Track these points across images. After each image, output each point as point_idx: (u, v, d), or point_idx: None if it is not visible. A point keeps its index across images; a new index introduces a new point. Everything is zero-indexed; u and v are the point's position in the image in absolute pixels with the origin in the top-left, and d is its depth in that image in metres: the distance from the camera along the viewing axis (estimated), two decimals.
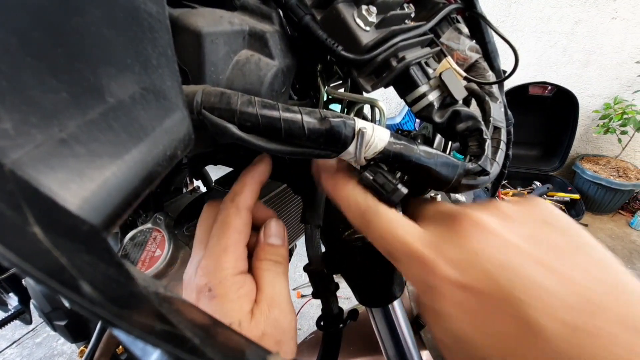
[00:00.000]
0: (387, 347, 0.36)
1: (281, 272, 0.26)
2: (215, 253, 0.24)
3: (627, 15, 1.89)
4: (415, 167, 0.23)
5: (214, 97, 0.19)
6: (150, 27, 0.14)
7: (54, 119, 0.10)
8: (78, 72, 0.11)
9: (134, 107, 0.12)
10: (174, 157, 0.14)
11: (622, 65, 2.02)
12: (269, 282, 0.25)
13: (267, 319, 0.23)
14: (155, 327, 0.06)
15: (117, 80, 0.12)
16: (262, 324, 0.23)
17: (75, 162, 0.09)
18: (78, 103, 0.11)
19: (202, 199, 0.47)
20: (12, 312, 0.79)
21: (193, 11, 0.22)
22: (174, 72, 0.15)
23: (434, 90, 0.28)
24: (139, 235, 0.40)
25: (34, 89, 0.10)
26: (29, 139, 0.09)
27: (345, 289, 0.35)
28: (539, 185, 2.15)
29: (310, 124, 0.20)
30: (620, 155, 2.20)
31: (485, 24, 0.39)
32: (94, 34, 0.12)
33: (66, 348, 1.51)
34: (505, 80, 0.37)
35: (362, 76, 0.27)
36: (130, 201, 0.11)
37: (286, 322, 0.24)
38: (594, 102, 2.16)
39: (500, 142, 0.31)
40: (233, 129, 0.19)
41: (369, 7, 0.25)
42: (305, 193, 0.30)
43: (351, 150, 0.22)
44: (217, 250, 0.24)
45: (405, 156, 0.23)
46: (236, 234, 0.24)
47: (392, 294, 0.31)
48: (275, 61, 0.25)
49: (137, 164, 0.11)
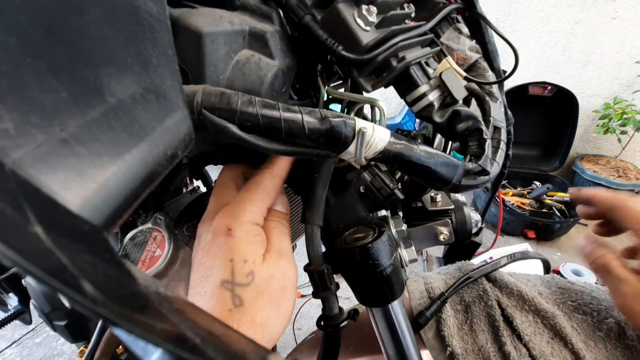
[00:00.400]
0: (387, 347, 0.36)
1: (286, 232, 0.29)
2: (241, 202, 0.26)
3: (626, 15, 1.89)
4: (415, 167, 0.23)
5: (214, 97, 0.19)
6: (151, 27, 0.14)
7: (54, 119, 0.10)
8: (78, 71, 0.11)
9: (135, 106, 0.12)
10: (174, 156, 0.14)
11: (621, 65, 2.02)
12: (277, 237, 0.27)
13: (276, 265, 0.26)
14: (157, 326, 0.06)
15: (118, 80, 0.12)
16: (272, 268, 0.25)
17: (76, 161, 0.09)
18: (78, 103, 0.11)
19: (202, 199, 0.47)
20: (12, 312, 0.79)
21: (193, 11, 0.22)
22: (174, 72, 0.15)
23: (434, 90, 0.28)
24: (139, 235, 0.40)
25: (35, 89, 0.10)
26: (29, 138, 0.09)
27: (345, 289, 0.35)
28: (539, 185, 2.14)
29: (310, 124, 0.20)
30: (620, 155, 2.19)
31: (485, 24, 0.39)
32: (94, 33, 0.12)
33: (66, 348, 1.51)
34: (505, 80, 0.37)
35: (362, 76, 0.27)
36: (131, 201, 0.11)
37: (291, 272, 0.27)
38: (594, 102, 2.16)
39: (500, 142, 0.31)
40: (233, 129, 0.19)
41: (369, 7, 0.25)
42: (305, 193, 0.30)
43: (351, 150, 0.22)
44: (245, 201, 0.26)
45: (406, 156, 0.23)
46: (265, 193, 0.27)
47: (392, 294, 0.31)
48: (275, 61, 0.25)
49: (138, 163, 0.11)
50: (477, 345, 0.40)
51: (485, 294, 0.42)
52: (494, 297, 0.42)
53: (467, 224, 0.38)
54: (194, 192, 0.60)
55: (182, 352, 0.07)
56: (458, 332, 0.41)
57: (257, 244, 0.26)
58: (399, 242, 0.34)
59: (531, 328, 0.41)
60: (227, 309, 0.23)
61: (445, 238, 0.36)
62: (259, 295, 0.24)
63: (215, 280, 0.24)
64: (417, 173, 0.24)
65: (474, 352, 0.40)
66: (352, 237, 0.31)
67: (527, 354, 0.39)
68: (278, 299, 0.25)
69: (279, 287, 0.25)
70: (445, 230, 0.36)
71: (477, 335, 0.40)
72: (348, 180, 0.32)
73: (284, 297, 0.26)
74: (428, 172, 0.24)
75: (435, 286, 0.44)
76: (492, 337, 0.40)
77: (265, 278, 0.25)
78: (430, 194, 0.41)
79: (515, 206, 2.03)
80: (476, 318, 0.41)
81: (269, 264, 0.25)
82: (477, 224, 0.39)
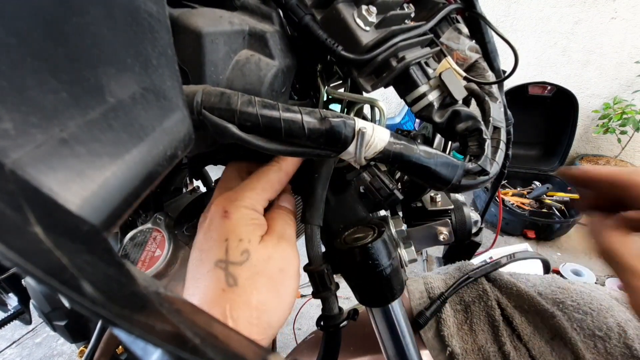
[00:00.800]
0: (387, 347, 0.36)
1: (291, 224, 0.28)
2: (242, 189, 0.26)
3: (626, 15, 1.89)
4: (415, 167, 0.23)
5: (214, 97, 0.19)
6: (151, 27, 0.14)
7: (54, 119, 0.10)
8: (78, 72, 0.11)
9: (134, 107, 0.12)
10: (174, 157, 0.14)
11: (621, 65, 2.02)
12: (280, 224, 0.27)
13: (275, 247, 0.25)
14: (156, 327, 0.06)
15: (117, 80, 0.12)
16: (271, 249, 0.24)
17: (75, 162, 0.09)
18: (78, 103, 0.11)
19: (202, 199, 0.47)
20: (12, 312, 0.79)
21: (193, 11, 0.22)
22: (174, 72, 0.15)
23: (433, 90, 0.28)
24: (139, 235, 0.40)
25: (34, 89, 0.10)
26: (29, 139, 0.09)
27: (345, 289, 0.35)
28: (539, 185, 2.14)
29: (310, 124, 0.20)
30: (620, 155, 2.19)
31: (485, 24, 0.39)
32: (94, 34, 0.12)
33: (66, 348, 1.51)
34: (505, 80, 0.37)
35: (362, 76, 0.27)
36: (131, 201, 0.11)
37: (292, 256, 0.25)
38: (594, 102, 2.16)
39: (500, 142, 0.31)
40: (233, 129, 0.19)
41: (369, 7, 0.25)
42: (305, 193, 0.30)
43: (351, 150, 0.22)
44: (245, 188, 0.26)
45: (405, 156, 0.23)
46: (268, 184, 0.27)
47: (392, 294, 0.31)
48: (275, 61, 0.25)
49: (138, 164, 0.11)
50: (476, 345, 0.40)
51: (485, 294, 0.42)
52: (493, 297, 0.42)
53: (467, 224, 0.38)
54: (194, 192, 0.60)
55: (182, 352, 0.07)
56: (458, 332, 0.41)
57: (255, 226, 0.25)
58: (398, 242, 0.34)
59: (531, 328, 0.41)
60: (220, 288, 0.22)
61: (445, 238, 0.36)
62: (255, 275, 0.23)
63: (209, 261, 0.23)
64: (416, 173, 0.24)
65: (473, 352, 0.40)
66: (352, 237, 0.31)
67: (526, 353, 0.39)
68: (277, 283, 0.24)
69: (277, 269, 0.24)
70: (445, 230, 0.36)
71: (476, 335, 0.40)
72: (348, 180, 0.32)
73: (284, 281, 0.24)
74: (428, 172, 0.24)
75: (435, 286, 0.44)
76: (491, 337, 0.40)
77: (263, 258, 0.23)
78: (430, 194, 0.41)
79: (515, 206, 2.03)
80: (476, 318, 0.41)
81: (267, 245, 0.24)
82: (476, 223, 0.39)
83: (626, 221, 0.28)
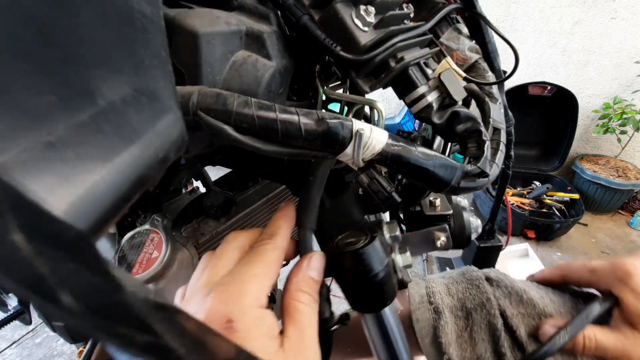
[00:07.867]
0: (379, 353, 0.35)
1: (316, 312, 0.25)
2: (241, 279, 0.22)
3: (626, 15, 1.89)
4: (413, 169, 0.23)
5: (210, 98, 0.19)
6: (144, 27, 0.14)
7: (41, 122, 0.10)
8: (68, 73, 0.11)
9: (126, 109, 0.12)
10: (166, 160, 0.13)
11: (621, 65, 2.02)
12: (307, 320, 0.23)
13: (296, 357, 0.21)
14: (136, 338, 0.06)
15: (109, 82, 0.12)
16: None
17: (62, 166, 0.09)
18: (67, 105, 0.10)
19: (201, 200, 0.47)
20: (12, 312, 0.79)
21: (190, 11, 0.22)
22: (167, 73, 0.15)
23: (433, 91, 0.28)
24: (137, 236, 0.40)
25: (22, 92, 0.10)
26: (15, 142, 0.09)
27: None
28: (539, 185, 2.14)
29: (307, 125, 0.20)
30: (620, 155, 2.19)
31: (485, 24, 0.38)
32: (85, 34, 0.12)
33: (66, 348, 1.51)
34: (505, 80, 0.37)
35: (361, 77, 0.26)
36: (120, 205, 0.10)
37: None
38: (594, 102, 2.15)
39: (500, 143, 0.30)
40: (229, 131, 0.19)
41: (367, 7, 0.25)
42: (300, 195, 0.30)
43: (349, 152, 0.22)
44: (245, 277, 0.23)
45: (404, 158, 0.23)
46: (267, 267, 0.24)
47: (383, 300, 0.30)
48: (272, 62, 0.25)
49: (128, 167, 0.11)
50: (475, 354, 0.39)
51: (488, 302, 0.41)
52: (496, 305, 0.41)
53: (466, 229, 0.37)
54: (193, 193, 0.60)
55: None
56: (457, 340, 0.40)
57: (265, 337, 0.21)
58: (392, 248, 0.33)
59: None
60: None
61: (443, 244, 0.35)
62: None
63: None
64: (415, 175, 0.24)
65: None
66: (344, 241, 0.30)
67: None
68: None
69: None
70: (442, 235, 0.35)
71: (476, 344, 0.40)
72: (345, 183, 0.32)
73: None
74: (426, 174, 0.24)
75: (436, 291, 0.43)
76: (491, 347, 0.39)
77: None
78: (430, 198, 0.40)
79: (515, 206, 2.02)
80: (477, 326, 0.40)
81: (287, 356, 0.21)
82: (477, 229, 0.39)
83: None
